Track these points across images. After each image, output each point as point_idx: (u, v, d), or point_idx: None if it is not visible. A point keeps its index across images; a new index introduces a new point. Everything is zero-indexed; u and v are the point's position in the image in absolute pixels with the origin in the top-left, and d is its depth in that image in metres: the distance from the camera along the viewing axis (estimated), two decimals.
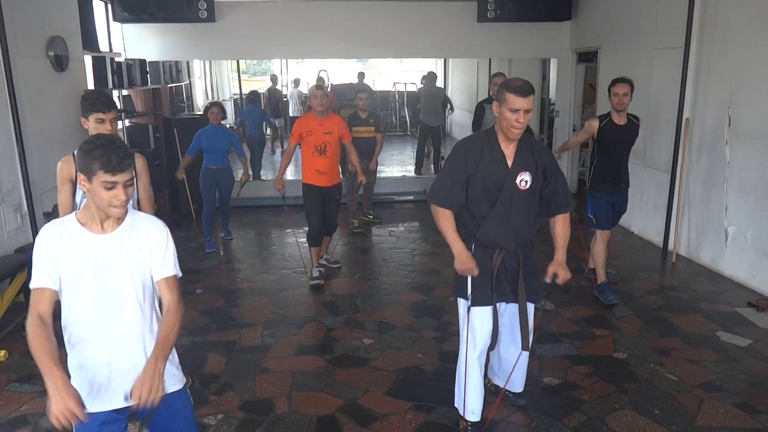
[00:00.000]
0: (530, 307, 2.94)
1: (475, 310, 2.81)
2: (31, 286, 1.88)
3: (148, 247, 1.97)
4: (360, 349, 3.93)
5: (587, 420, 3.10)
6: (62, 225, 1.93)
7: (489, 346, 2.92)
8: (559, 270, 2.78)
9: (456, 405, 3.04)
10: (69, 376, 1.88)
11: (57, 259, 1.87)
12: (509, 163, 2.69)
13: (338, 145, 5.03)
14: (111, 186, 1.82)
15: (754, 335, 4.02)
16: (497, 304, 2.85)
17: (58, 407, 1.67)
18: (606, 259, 4.68)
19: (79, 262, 1.88)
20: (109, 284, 1.91)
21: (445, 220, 2.77)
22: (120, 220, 1.95)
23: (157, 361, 1.85)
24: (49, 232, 1.91)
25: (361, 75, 13.28)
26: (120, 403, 1.97)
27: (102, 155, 1.80)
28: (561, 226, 2.85)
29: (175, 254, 2.05)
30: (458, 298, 2.90)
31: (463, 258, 2.73)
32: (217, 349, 3.92)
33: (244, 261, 5.90)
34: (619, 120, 4.44)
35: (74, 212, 1.97)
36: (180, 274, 2.06)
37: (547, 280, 2.81)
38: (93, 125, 2.92)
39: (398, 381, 3.50)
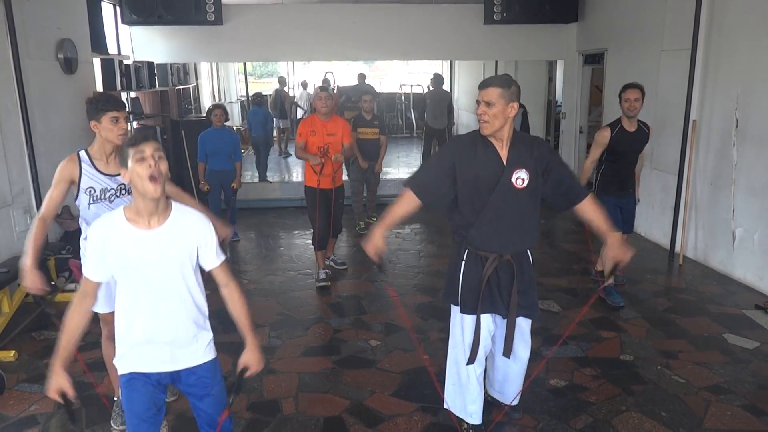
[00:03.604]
0: (527, 323, 2.87)
1: (465, 317, 2.77)
2: (84, 273, 2.10)
3: (194, 241, 2.13)
4: (366, 350, 3.94)
5: (594, 422, 3.09)
6: (111, 223, 2.07)
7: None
8: (618, 253, 2.60)
9: (446, 407, 3.01)
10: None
11: (105, 258, 2.04)
12: (504, 160, 2.59)
13: (341, 147, 5.03)
14: (141, 159, 1.98)
15: (761, 338, 4.01)
16: (493, 316, 2.79)
17: (55, 384, 2.05)
18: None
19: (127, 258, 2.03)
20: (157, 275, 2.06)
21: (405, 203, 2.69)
22: (166, 215, 2.08)
23: (254, 336, 2.34)
24: (98, 230, 2.06)
25: (362, 76, 13.27)
26: (162, 368, 2.17)
27: (129, 141, 2.04)
28: (592, 209, 2.69)
29: (217, 241, 2.25)
30: (450, 303, 2.86)
31: (374, 239, 2.66)
32: (224, 350, 3.88)
33: (251, 262, 5.93)
34: (630, 127, 4.42)
35: (123, 208, 2.10)
36: (225, 256, 2.27)
37: (602, 268, 2.70)
38: (107, 126, 2.76)
39: (405, 382, 3.51)
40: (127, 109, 2.96)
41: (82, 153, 2.84)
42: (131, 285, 2.08)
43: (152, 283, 2.07)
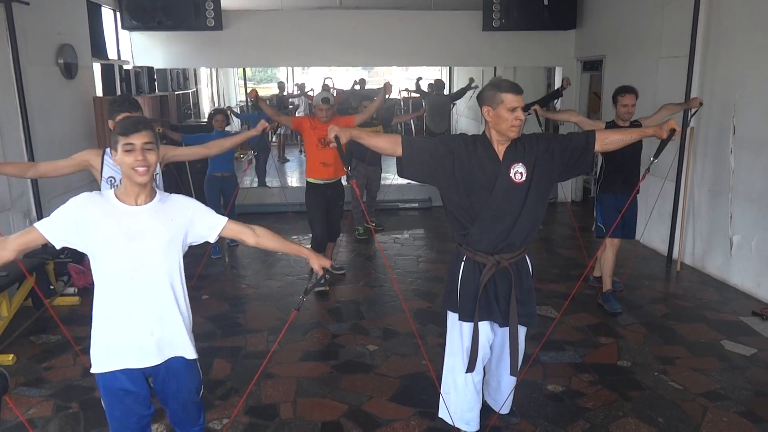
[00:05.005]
0: (522, 331, 2.86)
1: (463, 324, 2.77)
2: (37, 223, 2.05)
3: (182, 219, 2.15)
4: (364, 355, 3.95)
5: (591, 428, 3.10)
6: (102, 196, 2.10)
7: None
8: (665, 127, 2.61)
9: (441, 415, 3.00)
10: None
11: (77, 225, 2.01)
12: (500, 157, 2.59)
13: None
14: (129, 149, 2.01)
15: (758, 344, 4.02)
16: (491, 324, 2.79)
17: None
18: (613, 267, 4.69)
19: (110, 230, 2.03)
20: (139, 251, 2.06)
21: (386, 139, 2.70)
22: (152, 196, 2.12)
23: (299, 249, 2.44)
24: (86, 199, 2.07)
25: (362, 81, 13.29)
26: (146, 361, 2.14)
27: (119, 126, 2.06)
28: (608, 133, 2.71)
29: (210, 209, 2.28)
30: (447, 310, 2.86)
31: (343, 130, 2.63)
32: (222, 355, 3.95)
33: (250, 267, 5.93)
34: (623, 125, 4.47)
35: (113, 189, 2.15)
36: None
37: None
38: None
39: (402, 387, 3.52)
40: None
41: (108, 149, 3.16)
42: (113, 262, 2.04)
43: (136, 260, 2.05)
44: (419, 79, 11.59)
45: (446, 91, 11.95)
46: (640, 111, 4.56)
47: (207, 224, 2.22)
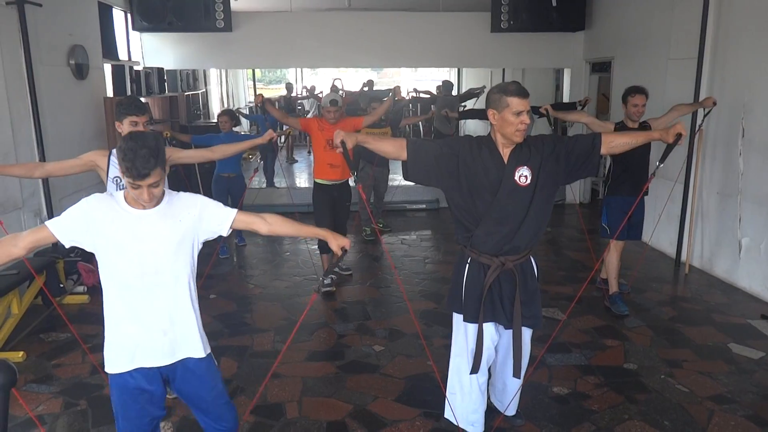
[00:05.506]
0: (527, 332, 2.87)
1: (468, 325, 2.78)
2: (49, 222, 2.06)
3: (190, 215, 2.14)
4: (370, 355, 3.96)
5: (596, 430, 3.10)
6: (112, 198, 2.11)
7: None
8: (671, 131, 2.60)
9: (446, 416, 3.02)
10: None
11: (87, 227, 2.03)
12: (505, 160, 2.58)
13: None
14: (136, 187, 2.00)
15: (766, 348, 3.99)
16: (496, 325, 2.79)
17: None
18: (619, 269, 4.67)
19: (121, 233, 2.04)
20: (149, 254, 2.06)
21: (393, 143, 2.69)
22: (159, 199, 2.11)
23: (315, 230, 2.36)
24: (97, 200, 2.09)
25: (370, 83, 13.32)
26: (160, 360, 2.15)
27: (125, 160, 1.96)
28: (616, 136, 2.66)
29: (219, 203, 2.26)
30: (452, 312, 2.86)
31: (349, 135, 2.62)
32: (229, 354, 3.97)
33: (257, 267, 5.96)
34: (632, 125, 4.46)
35: (124, 191, 2.13)
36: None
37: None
38: (127, 128, 3.07)
39: (408, 388, 3.53)
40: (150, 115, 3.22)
41: (114, 149, 3.19)
42: (123, 265, 2.05)
43: (146, 262, 2.05)
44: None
45: (454, 92, 11.94)
46: (648, 113, 4.55)
47: (216, 219, 2.19)
